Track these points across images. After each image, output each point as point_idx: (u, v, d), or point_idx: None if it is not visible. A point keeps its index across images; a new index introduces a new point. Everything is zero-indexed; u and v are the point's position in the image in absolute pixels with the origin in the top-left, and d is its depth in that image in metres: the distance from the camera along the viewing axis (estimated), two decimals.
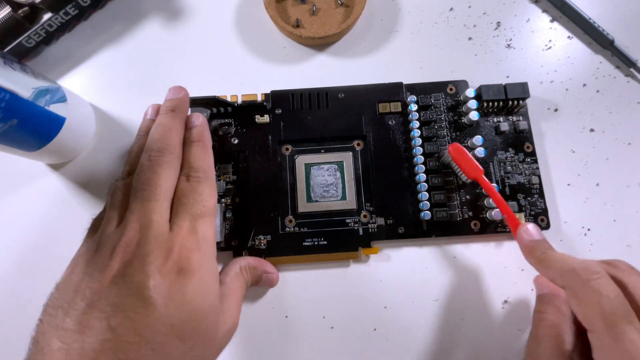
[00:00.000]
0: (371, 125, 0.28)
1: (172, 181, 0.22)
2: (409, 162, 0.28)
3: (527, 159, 0.28)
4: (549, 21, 0.32)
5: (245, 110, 0.29)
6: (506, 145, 0.28)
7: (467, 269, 0.27)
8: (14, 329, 0.26)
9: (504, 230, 0.27)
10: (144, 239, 0.19)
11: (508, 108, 0.28)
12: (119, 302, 0.18)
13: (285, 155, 0.28)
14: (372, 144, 0.28)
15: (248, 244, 0.26)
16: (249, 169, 0.28)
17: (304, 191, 0.27)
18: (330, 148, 0.28)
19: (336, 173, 0.28)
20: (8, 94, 0.22)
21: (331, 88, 0.29)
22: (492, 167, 0.28)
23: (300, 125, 0.28)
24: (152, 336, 0.18)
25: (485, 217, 0.27)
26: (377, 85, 0.29)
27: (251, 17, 0.32)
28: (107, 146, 0.29)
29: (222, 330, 0.21)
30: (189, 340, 0.19)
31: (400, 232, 0.27)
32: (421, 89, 0.29)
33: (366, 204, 0.27)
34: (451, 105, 0.29)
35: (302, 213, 0.27)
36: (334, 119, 0.29)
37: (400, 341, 0.26)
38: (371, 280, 0.27)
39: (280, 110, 0.29)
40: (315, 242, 0.27)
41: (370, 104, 0.29)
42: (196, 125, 0.24)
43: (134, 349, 0.17)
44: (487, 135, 0.28)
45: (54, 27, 0.30)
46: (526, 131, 0.28)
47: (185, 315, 0.19)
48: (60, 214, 0.28)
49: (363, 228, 0.27)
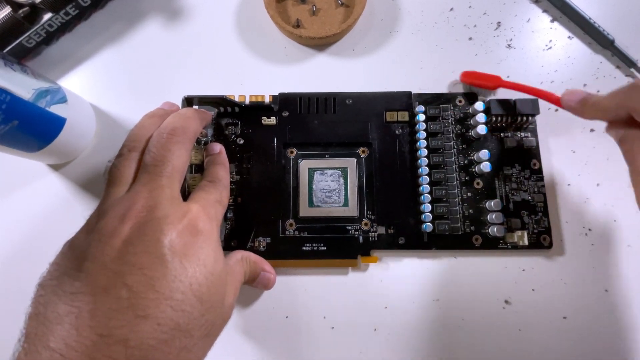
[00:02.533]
0: (377, 133, 0.28)
1: (184, 162, 0.22)
2: (414, 172, 0.27)
3: (533, 176, 0.27)
4: (549, 21, 0.32)
5: (252, 111, 0.29)
6: (512, 161, 0.28)
7: (467, 269, 0.27)
8: (13, 329, 0.26)
9: (505, 247, 0.26)
10: (158, 204, 0.19)
11: (517, 123, 0.28)
12: (135, 260, 0.17)
13: (290, 159, 0.28)
14: (377, 152, 0.28)
15: (247, 245, 0.26)
16: (253, 170, 0.28)
17: (306, 195, 0.27)
18: (335, 154, 0.28)
19: (339, 179, 0.28)
20: (9, 96, 0.22)
21: (339, 93, 0.29)
22: (496, 183, 0.27)
23: (306, 129, 0.28)
24: (171, 293, 0.17)
25: (487, 233, 0.26)
26: (385, 93, 0.29)
27: (251, 17, 0.32)
28: (107, 146, 0.29)
29: (227, 302, 0.21)
30: (206, 301, 0.19)
31: (400, 243, 0.26)
32: (430, 99, 0.29)
33: (368, 212, 0.27)
34: (459, 117, 0.28)
35: (303, 217, 0.27)
36: (340, 124, 0.28)
37: (400, 341, 0.26)
38: (371, 282, 0.27)
39: (287, 112, 0.29)
40: (314, 247, 0.26)
41: (378, 112, 0.29)
42: (217, 151, 0.26)
43: (153, 305, 0.17)
44: (494, 149, 0.28)
45: (54, 27, 0.30)
46: (533, 148, 0.28)
47: (201, 275, 0.19)
48: (61, 214, 0.28)
49: (363, 236, 0.27)
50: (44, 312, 0.17)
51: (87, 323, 0.16)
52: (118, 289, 0.17)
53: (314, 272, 0.27)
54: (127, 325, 0.16)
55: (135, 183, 0.20)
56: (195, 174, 0.27)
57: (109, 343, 0.16)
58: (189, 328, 0.18)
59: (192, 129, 0.23)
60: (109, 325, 0.16)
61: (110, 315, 0.16)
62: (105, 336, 0.16)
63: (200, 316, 0.18)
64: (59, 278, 0.18)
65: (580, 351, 0.25)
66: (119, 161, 0.22)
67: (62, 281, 0.17)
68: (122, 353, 0.16)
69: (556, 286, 0.26)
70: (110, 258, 0.17)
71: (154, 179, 0.20)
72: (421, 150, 0.27)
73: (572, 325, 0.26)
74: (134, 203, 0.19)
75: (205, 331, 0.19)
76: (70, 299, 0.17)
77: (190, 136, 0.23)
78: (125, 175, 0.21)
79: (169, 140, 0.21)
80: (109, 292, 0.17)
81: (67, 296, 0.17)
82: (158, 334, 0.17)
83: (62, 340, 0.16)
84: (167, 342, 0.17)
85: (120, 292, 0.17)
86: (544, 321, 0.26)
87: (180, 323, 0.18)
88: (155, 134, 0.22)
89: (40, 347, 0.16)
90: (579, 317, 0.26)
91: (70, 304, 0.17)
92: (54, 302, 0.17)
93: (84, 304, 0.16)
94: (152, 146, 0.21)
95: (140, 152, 0.22)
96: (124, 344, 0.16)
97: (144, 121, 0.23)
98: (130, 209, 0.19)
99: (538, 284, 0.26)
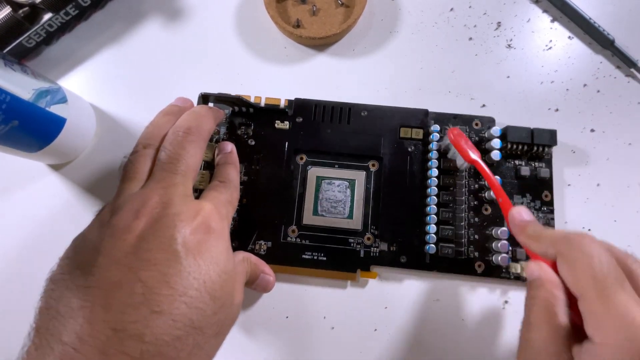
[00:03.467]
0: (389, 148, 0.28)
1: (198, 161, 0.22)
2: (422, 192, 0.27)
3: (544, 208, 0.27)
4: (549, 21, 0.32)
5: (267, 113, 0.29)
6: (524, 190, 0.27)
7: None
8: (14, 329, 0.26)
9: (507, 277, 0.26)
10: (172, 201, 0.19)
11: (532, 153, 0.27)
12: (149, 256, 0.17)
13: (299, 165, 0.28)
14: (387, 167, 0.28)
15: (248, 247, 0.26)
16: (261, 172, 0.28)
17: (311, 203, 0.27)
18: (345, 164, 0.28)
19: (346, 190, 0.27)
20: (9, 96, 0.22)
21: (355, 104, 0.29)
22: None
23: (319, 136, 0.28)
24: (185, 290, 0.17)
25: (491, 260, 0.26)
26: (401, 108, 0.29)
27: (251, 17, 0.32)
28: (107, 146, 0.29)
29: (236, 301, 0.21)
30: (218, 299, 0.19)
31: (402, 261, 0.26)
32: (446, 119, 0.28)
33: (372, 226, 0.27)
34: (475, 140, 0.28)
35: (306, 225, 0.27)
36: (353, 135, 0.28)
37: (400, 341, 0.26)
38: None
39: (301, 118, 0.29)
40: (314, 257, 0.26)
41: (392, 127, 0.28)
42: (229, 150, 0.26)
43: (167, 301, 0.17)
44: (506, 176, 0.27)
45: (54, 27, 0.30)
46: (547, 179, 0.27)
47: (214, 273, 0.19)
48: (61, 214, 0.28)
49: (365, 250, 0.26)
50: (55, 306, 0.17)
51: (102, 317, 0.16)
52: (132, 284, 0.17)
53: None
54: (141, 321, 0.16)
55: (150, 180, 0.21)
56: (204, 171, 0.27)
57: (123, 338, 0.16)
58: (202, 325, 0.18)
59: (207, 128, 0.23)
60: (123, 320, 0.16)
61: (125, 310, 0.16)
62: (119, 331, 0.16)
63: (212, 314, 0.18)
64: (70, 272, 0.17)
65: None
66: (134, 157, 0.22)
67: (74, 275, 0.17)
68: (136, 348, 0.16)
69: None
70: (124, 253, 0.17)
71: (169, 176, 0.20)
72: (432, 170, 0.27)
73: None
74: (148, 199, 0.19)
75: (217, 329, 0.19)
76: (83, 293, 0.17)
77: (204, 135, 0.23)
78: (139, 171, 0.21)
79: (185, 138, 0.22)
80: (123, 287, 0.17)
81: (80, 290, 0.17)
82: (172, 330, 0.17)
83: (75, 335, 0.16)
84: (181, 338, 0.17)
85: (134, 288, 0.17)
86: None
87: (193, 320, 0.17)
88: (171, 132, 0.22)
89: (53, 342, 0.16)
90: None
91: (84, 298, 0.16)
92: (66, 296, 0.17)
93: (98, 298, 0.16)
94: (168, 144, 0.21)
95: (155, 150, 0.22)
96: (139, 339, 0.16)
97: (158, 119, 0.24)
98: (144, 204, 0.19)
99: None
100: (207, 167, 0.28)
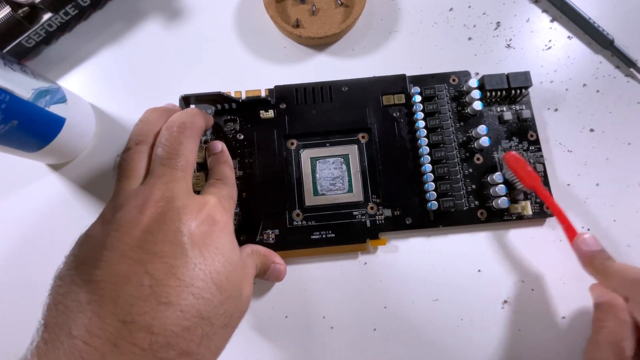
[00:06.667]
0: (375, 117, 0.29)
1: (195, 157, 0.22)
2: (415, 153, 0.28)
3: (531, 147, 0.28)
4: (548, 21, 0.32)
5: (250, 106, 0.29)
6: (510, 134, 0.28)
7: (467, 269, 0.27)
8: (14, 330, 0.26)
9: (510, 219, 0.27)
10: (175, 195, 0.20)
11: (511, 97, 0.28)
12: (156, 249, 0.18)
13: (291, 150, 0.28)
14: (377, 136, 0.28)
15: (257, 238, 0.27)
16: (255, 164, 0.28)
17: (310, 185, 0.28)
18: (336, 141, 0.28)
19: (342, 166, 0.28)
20: (8, 96, 0.22)
21: (335, 82, 0.29)
22: (496, 156, 0.28)
23: (305, 119, 0.29)
24: (192, 281, 0.18)
25: (492, 206, 0.27)
26: (380, 77, 0.29)
27: (251, 17, 0.32)
28: (107, 146, 0.29)
29: (244, 293, 0.21)
30: (225, 290, 0.19)
31: (407, 223, 0.27)
32: (424, 80, 0.29)
33: (373, 196, 0.27)
34: (454, 95, 0.29)
35: (309, 207, 0.27)
36: (338, 112, 0.29)
37: (400, 341, 0.26)
38: (374, 277, 0.27)
39: (284, 105, 0.29)
40: (323, 235, 0.27)
41: (374, 97, 0.29)
42: (219, 150, 0.26)
43: (175, 292, 0.17)
44: (491, 124, 0.28)
45: (54, 27, 0.30)
46: (529, 120, 0.28)
47: (219, 264, 0.19)
48: (61, 214, 0.28)
49: (370, 220, 0.27)
50: (63, 302, 0.17)
51: (110, 310, 0.16)
52: (140, 276, 0.17)
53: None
54: (150, 312, 0.16)
55: (150, 176, 0.21)
56: (199, 173, 0.27)
57: (133, 330, 0.16)
58: (210, 316, 0.18)
59: (199, 124, 0.23)
60: (132, 312, 0.16)
61: (133, 303, 0.16)
62: (128, 323, 0.16)
63: (220, 304, 0.18)
64: (77, 268, 0.18)
65: (579, 351, 0.25)
66: (128, 155, 0.22)
67: (81, 270, 0.17)
68: (146, 339, 0.16)
69: (555, 286, 0.26)
70: (130, 247, 0.18)
71: (169, 171, 0.20)
72: (420, 131, 0.28)
73: (572, 325, 0.26)
74: (151, 194, 0.19)
75: (225, 320, 0.19)
76: (91, 287, 0.17)
77: (198, 131, 0.23)
78: (136, 168, 0.21)
79: (181, 134, 0.22)
80: (131, 280, 0.17)
81: (87, 284, 0.17)
82: (181, 321, 0.17)
83: (85, 328, 0.16)
84: (190, 329, 0.17)
85: (142, 280, 0.17)
86: (543, 321, 0.26)
87: (201, 310, 0.18)
88: (165, 128, 0.22)
89: (62, 336, 0.16)
90: (578, 317, 0.26)
91: (92, 292, 0.17)
92: (74, 291, 0.17)
93: (106, 292, 0.16)
94: (164, 140, 0.21)
95: (149, 146, 0.22)
96: (148, 331, 0.16)
97: (147, 115, 0.23)
98: (148, 199, 0.19)
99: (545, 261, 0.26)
100: (200, 169, 0.28)
